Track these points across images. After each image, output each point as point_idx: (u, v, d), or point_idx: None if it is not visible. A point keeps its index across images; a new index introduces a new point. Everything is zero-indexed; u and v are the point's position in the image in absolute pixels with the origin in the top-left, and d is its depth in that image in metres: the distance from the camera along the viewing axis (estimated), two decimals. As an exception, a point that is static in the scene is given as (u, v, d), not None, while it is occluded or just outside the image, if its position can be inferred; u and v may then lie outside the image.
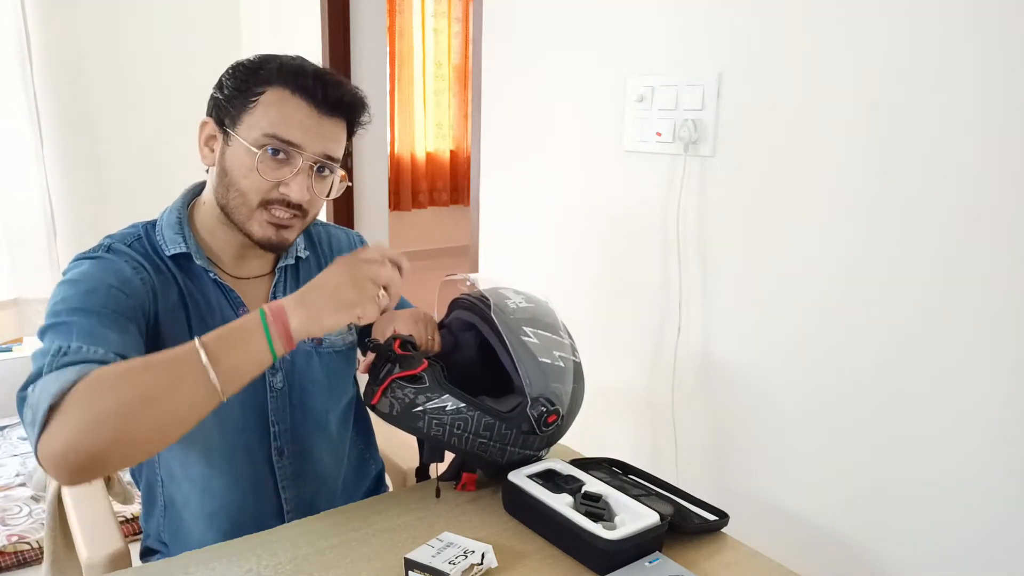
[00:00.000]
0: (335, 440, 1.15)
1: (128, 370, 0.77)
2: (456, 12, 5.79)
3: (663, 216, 1.51)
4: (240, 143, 0.97)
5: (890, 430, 1.20)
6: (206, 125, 1.02)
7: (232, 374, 0.78)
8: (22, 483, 2.38)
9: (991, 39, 1.04)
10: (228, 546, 0.92)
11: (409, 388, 0.96)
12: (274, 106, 0.97)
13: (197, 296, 1.02)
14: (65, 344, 0.80)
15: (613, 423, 1.68)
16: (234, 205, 1.00)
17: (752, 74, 1.33)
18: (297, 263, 1.13)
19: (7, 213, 2.80)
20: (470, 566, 0.84)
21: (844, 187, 1.22)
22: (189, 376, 0.76)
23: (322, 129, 0.99)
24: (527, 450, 1.00)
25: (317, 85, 0.97)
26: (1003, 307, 1.06)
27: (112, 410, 0.73)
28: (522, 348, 0.99)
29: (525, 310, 1.05)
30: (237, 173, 0.98)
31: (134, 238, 1.02)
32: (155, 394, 0.75)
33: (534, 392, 0.97)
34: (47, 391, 0.74)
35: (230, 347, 0.78)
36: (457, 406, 0.96)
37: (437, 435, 0.96)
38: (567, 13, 1.69)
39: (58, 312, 0.87)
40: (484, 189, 2.03)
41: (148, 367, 0.77)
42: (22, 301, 2.87)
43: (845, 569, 1.28)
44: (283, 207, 1.00)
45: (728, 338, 1.43)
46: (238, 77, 0.99)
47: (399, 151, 5.71)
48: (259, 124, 0.97)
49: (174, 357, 0.77)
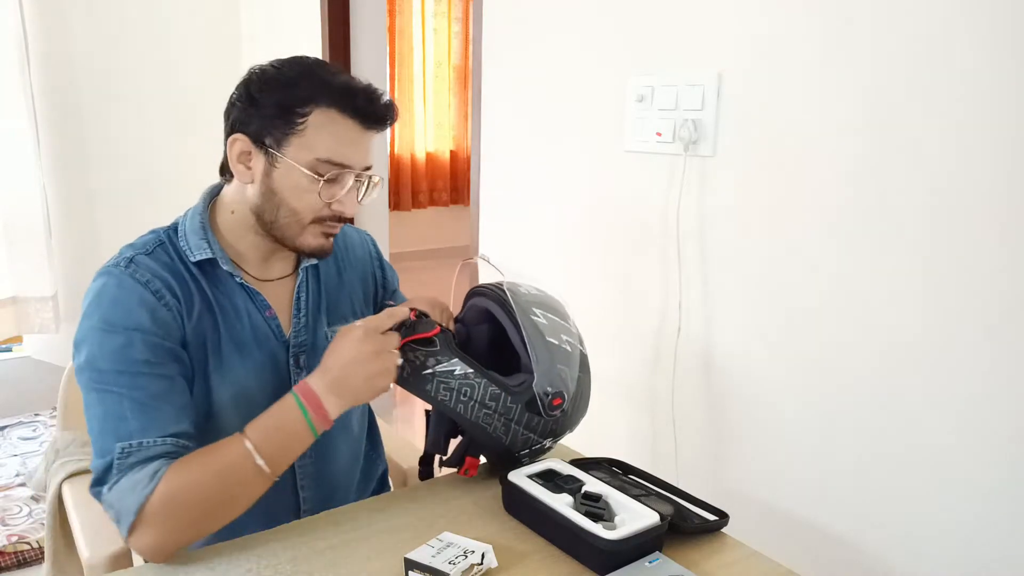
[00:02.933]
0: (355, 439, 1.18)
1: (196, 484, 0.89)
2: (456, 12, 5.79)
3: (663, 216, 1.51)
4: (292, 166, 0.97)
5: (890, 430, 1.20)
6: (237, 141, 0.99)
7: (282, 463, 0.93)
8: (22, 483, 2.38)
9: (992, 38, 1.04)
10: (228, 546, 0.92)
11: (421, 351, 0.98)
12: (325, 128, 0.96)
13: (223, 301, 1.02)
14: (125, 442, 0.89)
15: (613, 423, 1.68)
16: (285, 223, 1.00)
17: (752, 74, 1.33)
18: (317, 264, 1.14)
19: (5, 212, 2.80)
20: (470, 566, 0.84)
21: (844, 187, 1.22)
22: (248, 478, 0.90)
23: (366, 143, 1.01)
24: (531, 432, 1.00)
25: (363, 104, 0.98)
26: (1003, 306, 1.06)
27: (189, 520, 0.89)
28: (531, 326, 1.01)
29: (536, 296, 1.07)
30: (289, 194, 0.98)
31: (156, 244, 1.01)
32: (223, 499, 0.90)
33: (540, 369, 0.99)
34: (126, 504, 0.87)
35: (282, 446, 0.92)
36: (465, 371, 0.97)
37: (444, 400, 0.97)
38: (567, 13, 1.69)
39: (103, 372, 0.91)
40: (484, 189, 2.03)
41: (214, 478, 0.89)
42: (20, 299, 2.87)
43: (845, 569, 1.28)
44: (334, 220, 1.02)
45: (728, 338, 1.43)
46: (275, 93, 0.96)
47: (399, 151, 5.72)
48: (312, 147, 0.96)
49: (232, 465, 0.90)
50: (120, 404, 0.90)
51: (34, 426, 2.84)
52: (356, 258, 1.22)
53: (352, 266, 1.20)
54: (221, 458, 0.90)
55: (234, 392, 1.01)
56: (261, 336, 1.05)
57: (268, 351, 1.05)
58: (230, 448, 0.90)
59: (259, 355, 1.04)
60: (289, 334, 1.07)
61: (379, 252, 1.28)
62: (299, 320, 1.09)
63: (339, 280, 1.17)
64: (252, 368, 1.03)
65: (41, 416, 2.93)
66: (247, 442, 0.89)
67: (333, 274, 1.16)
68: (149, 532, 0.87)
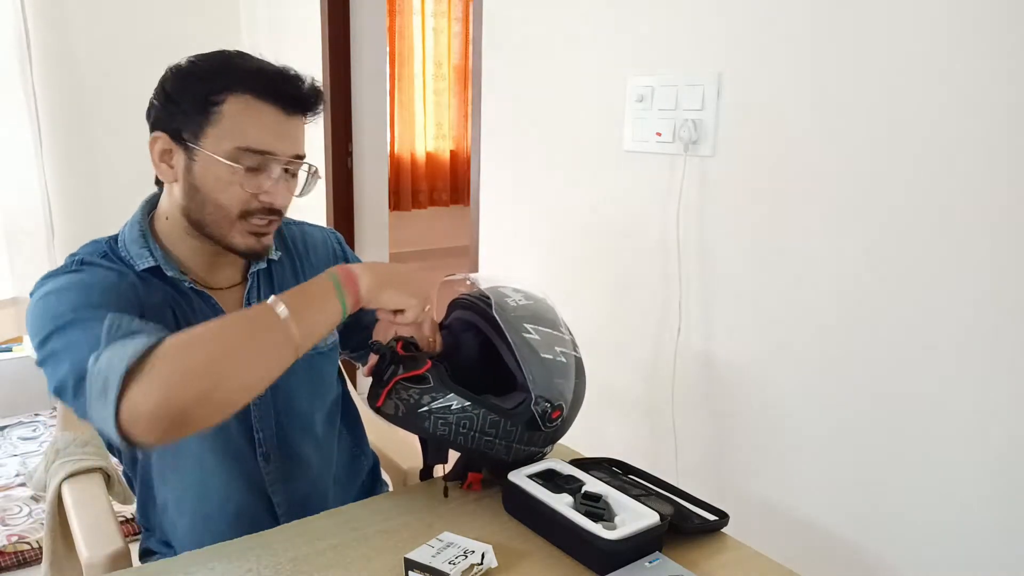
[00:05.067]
0: (322, 440, 1.15)
1: (207, 330, 0.79)
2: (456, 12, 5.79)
3: (663, 216, 1.51)
4: (211, 157, 0.93)
5: (890, 430, 1.20)
6: (157, 140, 0.96)
7: (308, 329, 0.83)
8: (22, 483, 2.38)
9: (992, 38, 1.04)
10: (228, 546, 0.92)
11: (414, 388, 0.96)
12: (241, 115, 0.93)
13: (180, 302, 1.00)
14: (112, 322, 0.80)
15: (613, 423, 1.68)
16: (212, 220, 0.97)
17: (752, 74, 1.33)
18: (270, 266, 1.11)
19: (6, 213, 2.80)
20: (470, 566, 0.84)
21: (844, 186, 1.22)
22: (269, 331, 0.80)
23: (290, 129, 0.97)
24: (532, 447, 1.00)
25: (279, 86, 0.94)
26: (1005, 305, 1.06)
27: (202, 363, 0.75)
28: (524, 345, 0.99)
29: (525, 307, 1.05)
30: (212, 188, 0.95)
31: (100, 254, 0.98)
32: (240, 347, 0.79)
33: (538, 389, 0.97)
34: (119, 356, 0.74)
35: (307, 305, 0.84)
36: (462, 405, 0.95)
37: (443, 435, 0.96)
38: (567, 13, 1.69)
39: (63, 314, 0.83)
40: (484, 189, 2.03)
41: (226, 326, 0.80)
42: (21, 300, 2.88)
43: (845, 569, 1.28)
44: (262, 215, 0.98)
45: (728, 338, 1.43)
46: (189, 86, 0.94)
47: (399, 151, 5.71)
48: (229, 136, 0.93)
49: (250, 316, 0.82)
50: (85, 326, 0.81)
51: (34, 426, 2.84)
52: (318, 259, 1.18)
53: (313, 267, 1.16)
54: (235, 314, 0.84)
55: None
56: None
57: None
58: (252, 307, 0.85)
59: None
60: None
61: (346, 250, 1.24)
62: None
63: (296, 283, 1.11)
64: None
65: (41, 416, 2.93)
66: (273, 297, 0.83)
67: (288, 277, 1.12)
68: (151, 387, 0.73)
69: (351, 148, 3.01)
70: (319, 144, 2.91)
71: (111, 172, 3.01)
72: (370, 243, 3.13)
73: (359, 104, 2.99)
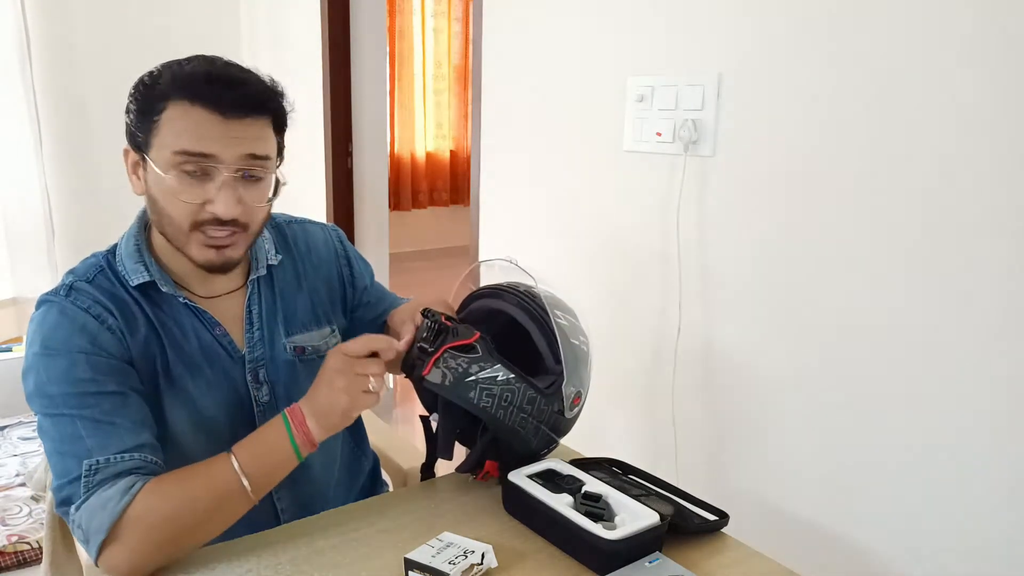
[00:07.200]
0: (325, 443, 1.15)
1: (177, 499, 0.87)
2: (456, 12, 5.79)
3: (663, 216, 1.51)
4: (154, 167, 0.92)
5: (891, 430, 1.20)
6: (128, 154, 0.97)
7: (266, 486, 0.92)
8: (22, 483, 2.38)
9: (992, 37, 1.04)
10: (228, 546, 0.92)
11: (463, 357, 0.97)
12: (176, 121, 0.91)
13: (169, 323, 0.99)
14: (89, 461, 0.87)
15: (613, 423, 1.68)
16: (171, 233, 0.96)
17: (752, 74, 1.33)
18: (270, 271, 1.09)
19: (6, 213, 2.80)
20: (470, 566, 0.84)
21: (843, 186, 1.22)
22: (231, 499, 0.89)
23: (234, 132, 0.92)
24: (553, 432, 1.02)
25: (214, 89, 0.91)
26: (1005, 303, 1.06)
27: (165, 537, 0.86)
28: (559, 329, 1.01)
29: (549, 297, 1.08)
30: (162, 199, 0.93)
31: (96, 271, 0.98)
32: (202, 517, 0.88)
33: (568, 369, 0.99)
34: (97, 521, 0.84)
35: (266, 468, 0.91)
36: (507, 376, 0.96)
37: (486, 406, 0.96)
38: (567, 13, 1.69)
39: (52, 397, 0.89)
40: (484, 189, 2.03)
41: (196, 498, 0.88)
42: (21, 300, 2.88)
43: (845, 569, 1.28)
44: (216, 226, 0.94)
45: (728, 337, 1.43)
46: (138, 97, 0.94)
47: (399, 151, 5.72)
48: (166, 143, 0.91)
49: (216, 484, 0.89)
50: (74, 425, 0.88)
51: (34, 426, 2.84)
52: (320, 259, 1.16)
53: (315, 268, 1.15)
54: (206, 475, 0.89)
55: (189, 413, 0.99)
56: (211, 355, 1.01)
57: (220, 369, 1.02)
58: (216, 466, 0.89)
59: (210, 374, 1.01)
60: (244, 349, 1.04)
61: (347, 247, 1.22)
62: (253, 334, 1.05)
63: (297, 286, 1.12)
64: (204, 387, 1.00)
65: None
66: (234, 461, 0.88)
67: (290, 280, 1.12)
68: (122, 550, 0.84)
69: (351, 148, 3.01)
70: (319, 144, 2.91)
71: (111, 172, 3.00)
72: (370, 243, 3.13)
73: (359, 104, 2.99)
